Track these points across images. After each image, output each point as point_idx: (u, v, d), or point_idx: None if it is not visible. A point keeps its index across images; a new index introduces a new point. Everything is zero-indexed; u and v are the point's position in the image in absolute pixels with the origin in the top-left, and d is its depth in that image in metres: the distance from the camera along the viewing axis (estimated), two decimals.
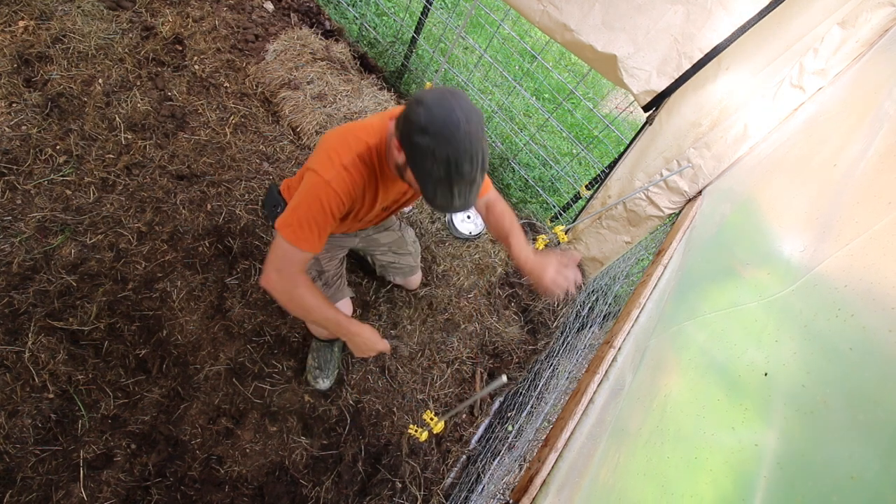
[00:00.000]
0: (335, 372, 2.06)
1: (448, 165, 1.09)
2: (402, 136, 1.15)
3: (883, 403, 0.48)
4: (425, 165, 1.11)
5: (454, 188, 1.14)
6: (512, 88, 3.58)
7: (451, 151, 1.08)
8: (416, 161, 1.13)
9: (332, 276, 1.75)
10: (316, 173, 1.25)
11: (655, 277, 1.47)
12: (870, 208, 0.70)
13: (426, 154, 1.10)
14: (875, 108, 0.97)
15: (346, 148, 1.27)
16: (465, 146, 1.09)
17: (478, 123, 1.12)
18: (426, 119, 1.08)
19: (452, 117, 1.07)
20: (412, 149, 1.12)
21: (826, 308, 0.62)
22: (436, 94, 1.11)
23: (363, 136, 1.29)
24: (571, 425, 1.13)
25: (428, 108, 1.09)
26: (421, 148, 1.10)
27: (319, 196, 1.25)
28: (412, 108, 1.11)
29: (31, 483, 1.58)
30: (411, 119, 1.11)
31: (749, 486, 0.54)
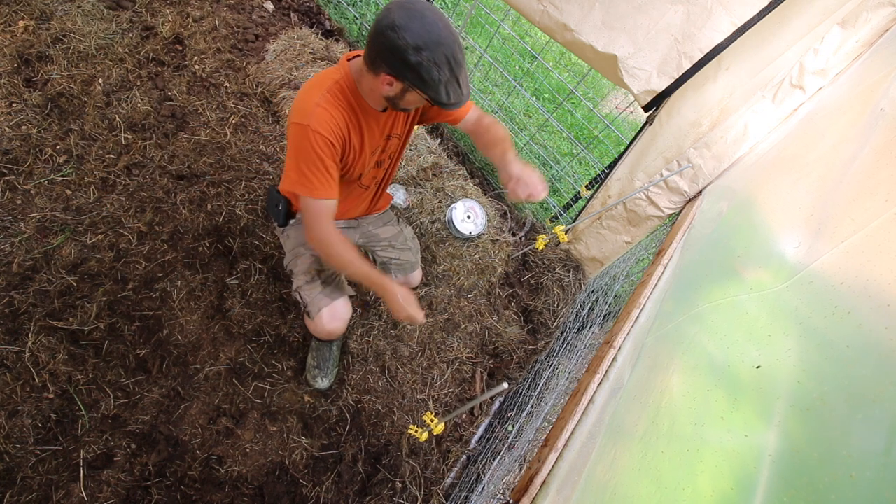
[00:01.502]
0: (334, 371, 2.06)
1: (449, 63, 1.16)
2: (394, 64, 1.17)
3: (881, 401, 0.48)
4: (433, 76, 1.16)
5: (459, 79, 1.20)
6: (512, 88, 3.58)
7: (446, 50, 1.14)
8: (422, 77, 1.17)
9: (330, 275, 1.77)
10: (295, 124, 1.27)
11: (655, 277, 1.47)
12: (866, 205, 0.70)
13: (429, 66, 1.15)
14: (872, 107, 0.98)
15: (312, 89, 1.29)
16: (450, 39, 1.15)
17: (440, 11, 1.17)
18: (412, 38, 1.12)
19: (428, 20, 1.13)
20: (412, 69, 1.16)
21: (823, 305, 0.62)
22: (400, 13, 1.13)
23: (325, 76, 1.31)
24: (571, 425, 1.13)
25: (405, 28, 1.12)
26: (422, 64, 1.14)
27: (307, 143, 1.27)
28: (388, 37, 1.13)
29: (31, 483, 1.58)
30: (397, 45, 1.13)
31: (746, 482, 0.54)
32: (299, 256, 1.74)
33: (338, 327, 1.73)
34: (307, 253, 1.74)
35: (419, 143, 2.77)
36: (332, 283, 1.77)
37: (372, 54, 1.20)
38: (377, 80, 1.24)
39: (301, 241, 1.76)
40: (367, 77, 1.27)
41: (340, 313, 1.73)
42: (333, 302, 1.71)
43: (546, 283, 2.58)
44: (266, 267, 2.20)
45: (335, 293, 1.75)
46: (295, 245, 1.76)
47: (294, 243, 1.76)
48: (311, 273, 1.73)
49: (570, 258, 2.65)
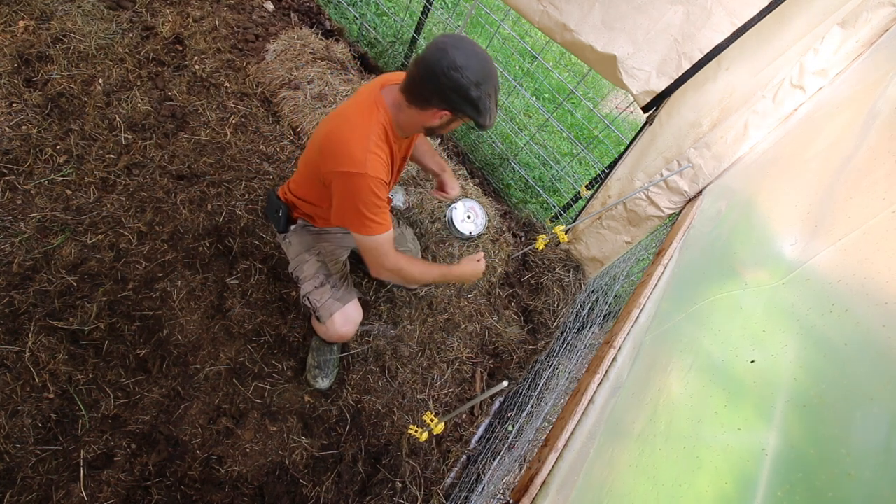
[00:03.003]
0: (335, 371, 2.06)
1: (497, 92, 1.31)
2: (453, 100, 1.27)
3: (879, 399, 0.48)
4: (487, 105, 1.29)
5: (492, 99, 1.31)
6: (512, 88, 3.58)
7: (495, 82, 1.29)
8: (479, 108, 1.28)
9: (338, 279, 1.76)
10: (350, 174, 1.32)
11: (656, 277, 1.47)
12: (863, 203, 0.70)
13: (486, 98, 1.27)
14: (870, 106, 0.98)
15: (360, 137, 1.33)
16: (495, 70, 1.28)
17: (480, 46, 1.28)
18: (474, 75, 1.22)
19: (480, 57, 1.24)
20: (472, 102, 1.26)
21: (820, 303, 0.62)
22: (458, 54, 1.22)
23: (368, 119, 1.36)
24: (571, 425, 1.13)
25: (466, 67, 1.22)
26: (481, 97, 1.26)
27: (368, 189, 1.34)
28: (452, 77, 1.22)
29: (31, 483, 1.59)
30: (461, 84, 1.23)
31: (743, 480, 0.54)
32: (305, 262, 1.74)
33: (350, 331, 1.73)
34: (312, 258, 1.74)
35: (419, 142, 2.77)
36: (341, 286, 1.76)
37: (426, 93, 1.28)
38: (424, 114, 1.33)
39: (305, 246, 1.75)
40: (410, 111, 1.35)
41: (353, 317, 1.73)
42: (345, 306, 1.71)
43: (546, 283, 2.58)
44: (266, 267, 2.20)
45: (346, 296, 1.74)
46: (299, 251, 1.76)
47: (298, 249, 1.76)
48: (319, 278, 1.72)
49: (570, 258, 2.65)
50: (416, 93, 1.30)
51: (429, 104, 1.30)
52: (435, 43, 1.24)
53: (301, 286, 1.73)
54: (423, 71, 1.24)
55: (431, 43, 1.25)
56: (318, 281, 1.71)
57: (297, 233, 1.76)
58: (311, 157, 1.49)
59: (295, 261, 1.77)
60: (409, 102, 1.33)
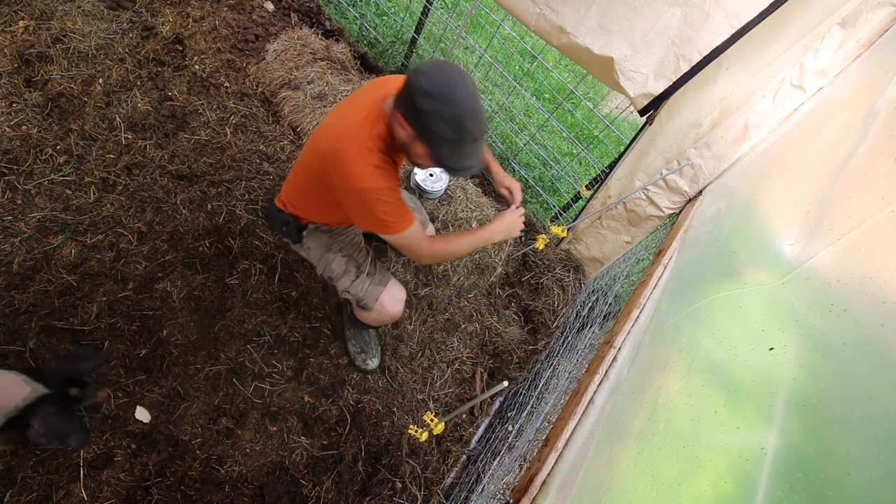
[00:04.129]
0: (378, 348, 2.15)
1: (456, 124, 1.17)
2: (406, 107, 1.21)
3: (878, 399, 0.48)
4: (435, 128, 1.19)
5: (466, 146, 1.23)
6: (512, 88, 3.58)
7: (457, 110, 1.16)
8: (425, 127, 1.20)
9: (370, 266, 1.79)
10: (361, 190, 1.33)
11: (656, 277, 1.47)
12: (862, 203, 0.70)
13: (433, 117, 1.17)
14: (869, 106, 0.98)
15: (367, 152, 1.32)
16: (467, 103, 1.17)
17: (474, 85, 1.19)
18: (427, 84, 1.14)
19: (452, 78, 1.15)
20: (418, 115, 1.18)
21: (819, 302, 0.62)
22: (432, 64, 1.19)
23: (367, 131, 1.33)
24: (571, 425, 1.13)
25: (427, 74, 1.15)
26: (427, 112, 1.16)
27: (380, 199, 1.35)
28: (412, 79, 1.17)
29: (31, 483, 1.58)
30: (413, 87, 1.17)
31: (743, 479, 0.54)
32: (331, 262, 1.76)
33: (400, 309, 1.79)
34: (336, 256, 1.76)
35: None
36: (375, 272, 1.79)
37: (399, 94, 1.25)
38: (395, 119, 1.29)
39: (325, 247, 1.76)
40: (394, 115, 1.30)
41: (399, 295, 1.79)
42: (388, 287, 1.76)
43: (546, 283, 2.58)
44: (266, 267, 2.20)
45: (384, 278, 1.78)
46: (321, 253, 1.77)
47: (319, 252, 1.77)
48: (351, 271, 1.76)
49: (570, 258, 2.65)
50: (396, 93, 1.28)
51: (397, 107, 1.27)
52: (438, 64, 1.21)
53: (336, 284, 1.77)
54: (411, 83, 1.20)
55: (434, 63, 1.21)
56: (353, 274, 1.75)
57: (312, 237, 1.77)
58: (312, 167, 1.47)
59: (320, 263, 1.78)
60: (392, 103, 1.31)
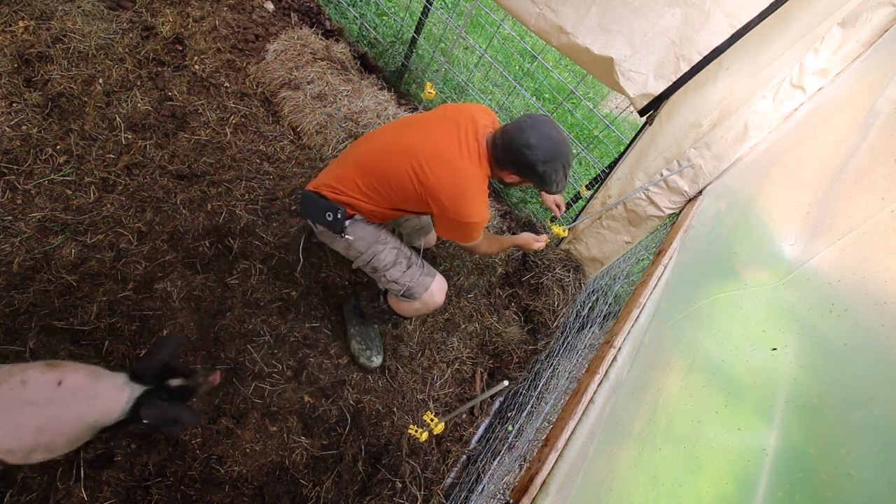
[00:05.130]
0: (382, 346, 2.17)
1: (564, 169, 1.58)
2: (524, 171, 1.58)
3: (878, 399, 0.48)
4: (551, 178, 1.57)
5: (567, 176, 1.62)
6: (512, 88, 3.58)
7: (564, 161, 1.56)
8: (544, 179, 1.58)
9: (417, 258, 1.88)
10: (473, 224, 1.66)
11: (656, 277, 1.47)
12: (862, 203, 0.70)
13: (551, 172, 1.55)
14: (869, 106, 0.98)
15: (482, 193, 1.65)
16: (566, 150, 1.56)
17: (559, 129, 1.56)
18: (542, 155, 1.51)
19: (553, 139, 1.52)
20: (538, 175, 1.56)
21: (820, 302, 0.62)
22: (534, 135, 1.51)
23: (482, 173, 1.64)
24: (571, 425, 1.13)
25: (537, 147, 1.50)
26: (547, 172, 1.55)
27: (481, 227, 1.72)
28: (524, 154, 1.52)
29: (31, 483, 1.58)
30: (530, 160, 1.52)
31: (743, 479, 0.54)
32: (379, 253, 1.79)
33: (444, 299, 1.91)
34: (386, 247, 1.80)
35: None
36: (423, 264, 1.88)
37: (505, 161, 1.59)
38: (501, 172, 1.65)
39: (373, 238, 1.79)
40: (493, 165, 1.64)
41: (443, 286, 1.91)
42: (435, 278, 1.87)
43: (546, 283, 2.58)
44: (266, 267, 2.20)
45: (430, 269, 1.90)
46: (369, 243, 1.78)
47: (367, 242, 1.78)
48: (402, 262, 1.82)
49: (570, 258, 2.65)
50: (497, 156, 1.60)
51: (504, 167, 1.61)
52: (519, 121, 1.54)
53: (385, 274, 1.81)
54: (504, 142, 1.55)
55: (517, 120, 1.56)
56: (404, 265, 1.82)
57: (357, 227, 1.76)
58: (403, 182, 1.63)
59: (367, 254, 1.80)
60: (495, 162, 1.62)
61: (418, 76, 3.20)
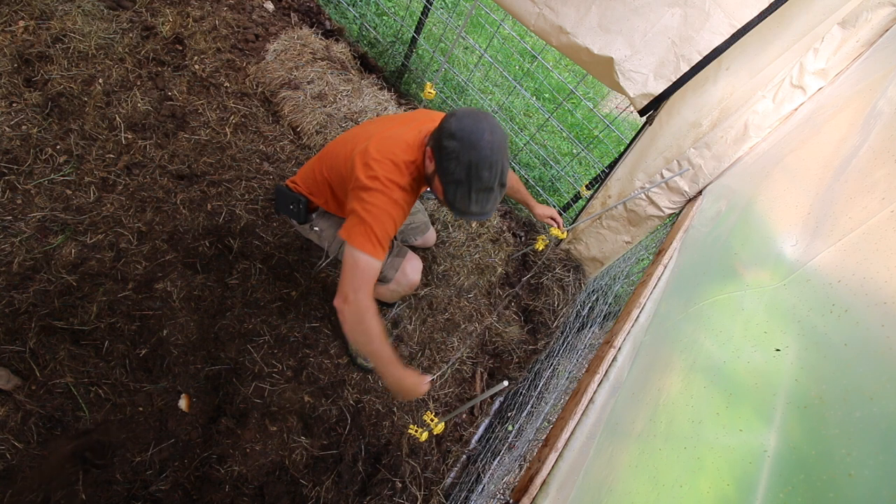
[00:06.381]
0: None
1: (469, 169, 1.23)
2: (434, 143, 1.30)
3: (878, 399, 0.48)
4: (449, 167, 1.25)
5: (472, 193, 1.27)
6: (512, 88, 3.58)
7: (474, 156, 1.22)
8: (442, 164, 1.27)
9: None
10: (381, 192, 1.33)
11: (656, 277, 1.47)
12: (863, 203, 0.70)
13: (451, 156, 1.24)
14: (870, 106, 0.98)
15: (399, 172, 1.37)
16: (486, 153, 1.23)
17: (501, 137, 1.26)
18: (455, 126, 1.24)
19: (479, 126, 1.23)
20: (440, 152, 1.27)
21: (820, 303, 0.62)
22: (468, 110, 1.28)
23: (408, 156, 1.39)
24: (571, 425, 1.13)
25: (459, 118, 1.25)
26: (447, 150, 1.24)
27: (392, 214, 1.35)
28: (446, 120, 1.28)
29: (31, 483, 1.58)
30: (443, 126, 1.27)
31: (744, 480, 0.54)
32: None
33: (419, 278, 1.83)
34: None
35: None
36: (393, 245, 1.81)
37: (433, 131, 1.34)
38: (426, 151, 1.36)
39: (338, 226, 1.76)
40: (427, 149, 1.37)
41: (417, 264, 1.83)
42: (407, 257, 1.80)
43: (546, 283, 2.58)
44: (266, 267, 2.20)
45: (401, 251, 1.82)
46: (334, 232, 1.78)
47: (332, 231, 1.78)
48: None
49: (570, 258, 2.65)
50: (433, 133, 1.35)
51: (429, 142, 1.36)
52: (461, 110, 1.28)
53: None
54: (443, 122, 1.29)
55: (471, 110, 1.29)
56: None
57: (322, 217, 1.78)
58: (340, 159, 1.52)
59: (335, 243, 1.79)
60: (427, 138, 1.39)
61: (418, 76, 3.20)
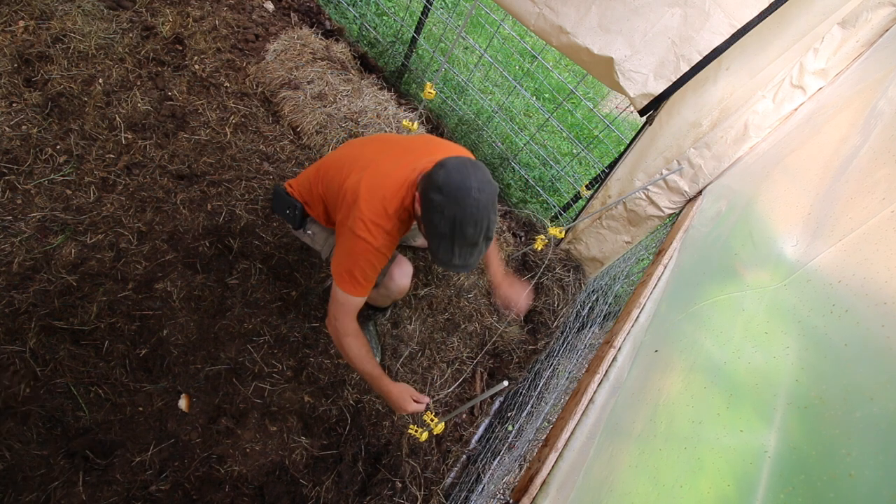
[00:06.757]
0: (379, 347, 2.17)
1: (453, 224, 1.23)
2: (422, 191, 1.30)
3: (878, 399, 0.48)
4: (433, 220, 1.25)
5: (455, 247, 1.27)
6: (512, 88, 3.58)
7: (458, 212, 1.22)
8: (427, 214, 1.27)
9: None
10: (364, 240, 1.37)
11: (656, 277, 1.47)
12: (863, 204, 0.70)
13: (435, 210, 1.24)
14: (871, 106, 0.98)
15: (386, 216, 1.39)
16: (471, 211, 1.22)
17: (489, 194, 1.25)
18: (443, 180, 1.23)
19: (466, 183, 1.22)
20: (426, 203, 1.27)
21: (820, 304, 0.62)
22: (458, 161, 1.26)
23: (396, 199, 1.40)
24: (571, 425, 1.13)
25: (447, 171, 1.24)
26: (433, 203, 1.24)
27: (370, 259, 1.40)
28: (435, 169, 1.26)
29: (31, 483, 1.58)
30: (431, 177, 1.26)
31: (744, 480, 0.54)
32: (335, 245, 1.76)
33: (408, 282, 1.81)
34: None
35: None
36: None
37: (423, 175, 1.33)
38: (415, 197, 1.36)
39: (330, 231, 1.77)
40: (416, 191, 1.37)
41: (407, 269, 1.80)
42: (395, 261, 1.77)
43: (546, 283, 2.58)
44: (266, 267, 2.20)
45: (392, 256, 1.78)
46: (326, 236, 1.79)
47: (324, 235, 1.79)
48: None
49: (570, 258, 2.65)
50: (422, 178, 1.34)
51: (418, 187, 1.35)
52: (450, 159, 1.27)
53: None
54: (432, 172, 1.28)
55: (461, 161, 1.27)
56: None
57: (316, 223, 1.79)
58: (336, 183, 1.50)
59: (326, 246, 1.80)
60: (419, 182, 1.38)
61: (418, 76, 3.20)
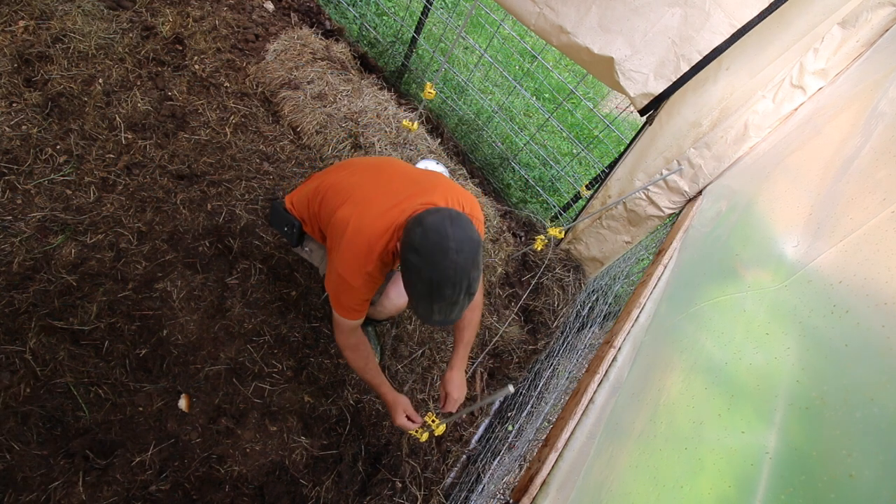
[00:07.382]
0: (378, 347, 2.16)
1: (430, 286, 1.19)
2: (402, 247, 1.26)
3: (879, 400, 0.48)
4: (411, 279, 1.23)
5: (434, 305, 1.23)
6: (512, 88, 3.58)
7: (436, 275, 1.17)
8: (405, 274, 1.24)
9: None
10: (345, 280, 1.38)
11: (656, 277, 1.47)
12: (864, 204, 0.70)
13: (413, 271, 1.20)
14: (871, 106, 0.98)
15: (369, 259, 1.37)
16: (449, 273, 1.17)
17: (469, 253, 1.18)
18: (420, 240, 1.18)
19: (443, 244, 1.16)
20: (404, 262, 1.23)
21: (821, 304, 0.62)
22: (436, 219, 1.20)
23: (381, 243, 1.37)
24: (571, 425, 1.13)
25: (424, 230, 1.18)
26: (410, 264, 1.20)
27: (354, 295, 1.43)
28: (412, 227, 1.22)
29: (31, 483, 1.58)
30: (409, 237, 1.21)
31: (745, 481, 0.54)
32: None
33: (404, 302, 1.79)
34: None
35: (419, 142, 2.77)
36: None
37: (405, 228, 1.27)
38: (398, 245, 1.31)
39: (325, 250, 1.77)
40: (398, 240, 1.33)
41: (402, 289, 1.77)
42: (392, 281, 1.77)
43: (546, 283, 2.58)
44: (266, 267, 2.20)
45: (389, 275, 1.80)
46: (323, 254, 1.79)
47: (322, 253, 1.79)
48: None
49: (570, 258, 2.65)
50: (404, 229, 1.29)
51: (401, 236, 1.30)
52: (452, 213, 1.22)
53: None
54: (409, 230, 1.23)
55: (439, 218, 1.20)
56: None
57: (312, 240, 1.78)
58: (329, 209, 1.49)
59: (323, 263, 1.80)
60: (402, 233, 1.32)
61: (418, 76, 3.20)
